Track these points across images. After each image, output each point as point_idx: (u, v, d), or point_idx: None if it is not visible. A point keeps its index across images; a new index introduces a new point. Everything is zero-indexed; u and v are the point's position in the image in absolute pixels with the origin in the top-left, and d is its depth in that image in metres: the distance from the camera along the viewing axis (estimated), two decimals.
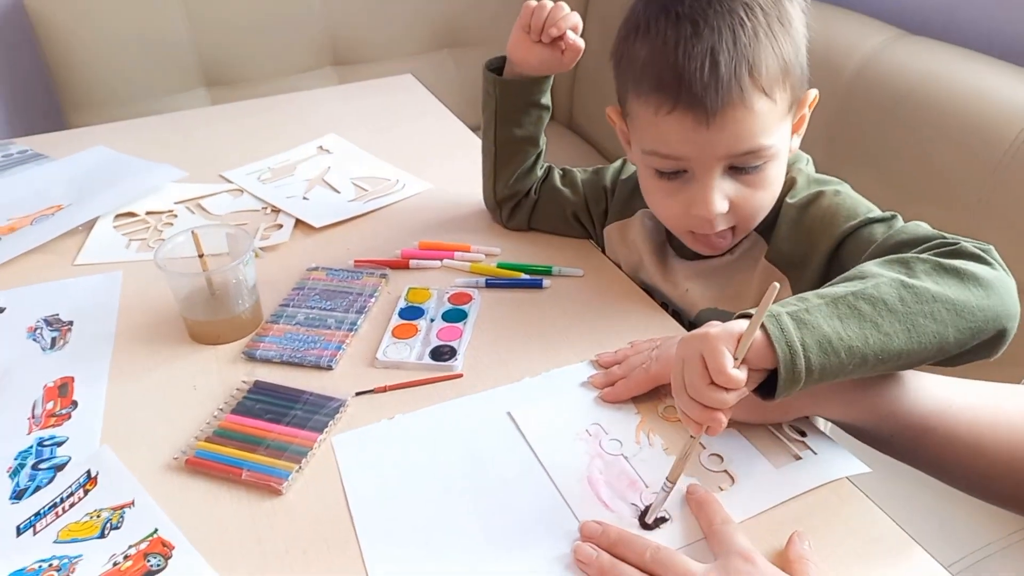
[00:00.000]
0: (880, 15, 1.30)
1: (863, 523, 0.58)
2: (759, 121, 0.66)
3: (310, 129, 1.23)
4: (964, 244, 0.60)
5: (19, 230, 0.98)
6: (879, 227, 0.67)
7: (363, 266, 0.89)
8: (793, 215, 0.73)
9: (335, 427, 0.68)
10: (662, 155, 0.69)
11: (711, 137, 0.66)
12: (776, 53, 0.65)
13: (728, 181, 0.69)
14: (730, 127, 0.65)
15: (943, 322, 0.55)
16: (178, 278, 0.78)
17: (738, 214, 0.71)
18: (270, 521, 0.60)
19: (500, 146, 0.90)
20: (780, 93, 0.67)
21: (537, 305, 0.82)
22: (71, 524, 0.60)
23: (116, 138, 1.21)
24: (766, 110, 0.66)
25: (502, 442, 0.66)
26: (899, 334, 0.55)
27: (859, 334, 0.54)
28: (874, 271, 0.58)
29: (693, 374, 0.53)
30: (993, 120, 1.05)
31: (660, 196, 0.73)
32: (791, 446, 0.63)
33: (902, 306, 0.55)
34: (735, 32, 0.64)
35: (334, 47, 1.83)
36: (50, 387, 0.74)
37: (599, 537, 0.56)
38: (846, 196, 0.72)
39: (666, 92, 0.65)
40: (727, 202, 0.69)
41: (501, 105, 0.88)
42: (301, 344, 0.77)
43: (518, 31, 0.83)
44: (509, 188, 0.92)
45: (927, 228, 0.65)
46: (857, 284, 0.56)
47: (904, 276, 0.57)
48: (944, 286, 0.56)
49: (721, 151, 0.67)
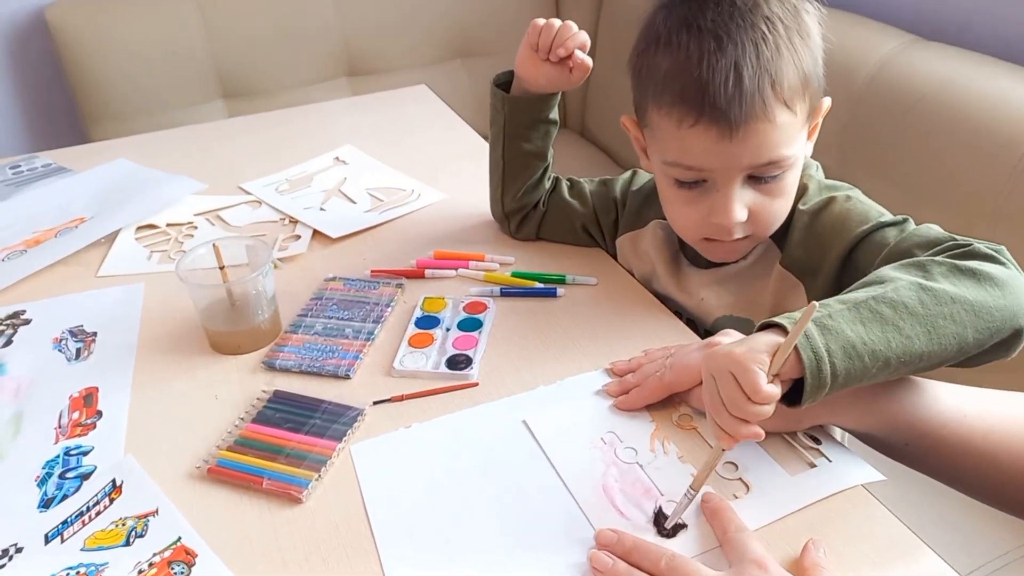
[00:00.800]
0: (894, 21, 1.30)
1: (878, 531, 0.58)
2: (781, 133, 0.67)
3: (326, 140, 1.24)
4: (977, 245, 0.61)
5: (44, 243, 1.00)
6: (891, 231, 0.68)
7: (379, 276, 0.90)
8: (806, 221, 0.74)
9: (353, 436, 0.69)
10: (685, 166, 0.70)
11: (734, 149, 0.67)
12: (797, 66, 0.67)
13: (747, 190, 0.70)
14: (753, 140, 0.66)
15: (962, 323, 0.56)
16: (199, 289, 0.79)
17: (756, 222, 0.72)
18: (290, 529, 0.61)
19: (508, 161, 0.91)
20: (800, 104, 0.68)
21: (551, 314, 0.83)
22: (97, 532, 0.61)
23: (137, 151, 1.23)
24: (787, 122, 0.67)
25: (518, 450, 0.67)
26: (920, 336, 0.55)
27: (881, 338, 0.55)
28: (891, 275, 0.59)
29: (730, 392, 0.54)
30: (1008, 125, 1.04)
31: (679, 205, 0.74)
32: (806, 454, 0.63)
33: (922, 308, 0.56)
34: (758, 46, 0.65)
35: (348, 58, 1.85)
36: (75, 397, 0.76)
37: (615, 545, 0.56)
38: (857, 201, 0.73)
39: (690, 105, 0.66)
40: (747, 211, 0.70)
41: (510, 121, 0.89)
42: (319, 354, 0.78)
43: (526, 49, 0.83)
44: (517, 201, 0.93)
45: (939, 230, 0.66)
46: (876, 288, 0.57)
47: (922, 279, 0.57)
48: (961, 287, 0.57)
49: (744, 162, 0.68)
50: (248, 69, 1.78)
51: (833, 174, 0.79)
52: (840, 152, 1.26)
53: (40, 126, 1.84)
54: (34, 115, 1.83)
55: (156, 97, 1.72)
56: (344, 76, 1.87)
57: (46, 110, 1.83)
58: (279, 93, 1.79)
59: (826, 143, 1.28)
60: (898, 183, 1.18)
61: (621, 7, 1.83)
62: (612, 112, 1.89)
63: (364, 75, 1.88)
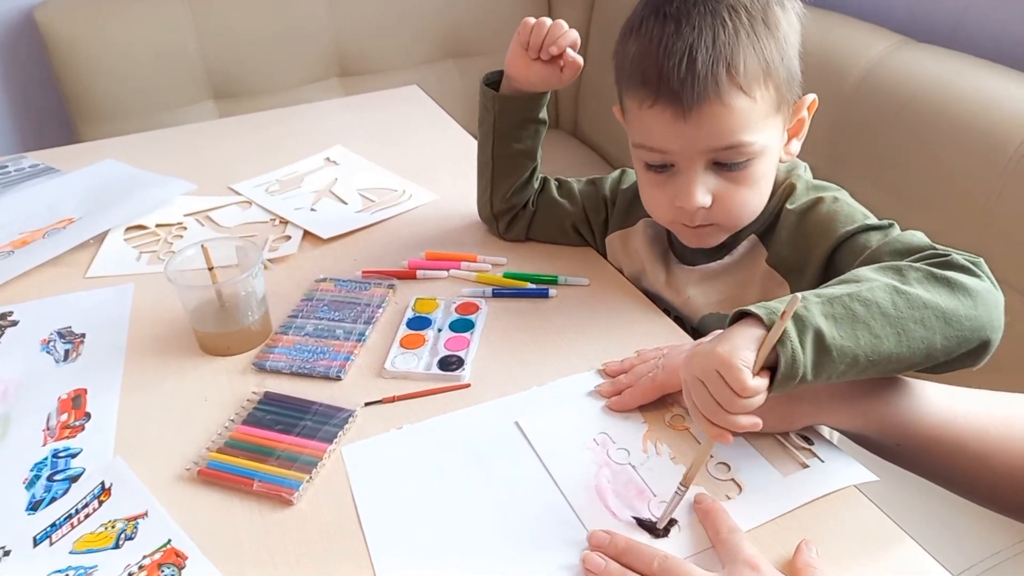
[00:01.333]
0: (885, 22, 1.31)
1: (871, 531, 0.58)
2: (738, 118, 0.68)
3: (317, 141, 1.24)
4: (955, 256, 0.62)
5: (32, 244, 0.99)
6: (875, 235, 0.69)
7: (371, 277, 0.90)
8: (793, 220, 0.74)
9: (344, 437, 0.69)
10: (647, 148, 0.72)
11: (689, 131, 0.68)
12: (757, 53, 0.68)
13: (712, 176, 0.71)
14: (707, 122, 0.68)
15: (932, 329, 0.57)
16: (188, 291, 0.79)
17: (722, 210, 0.72)
18: (281, 531, 0.61)
19: (498, 160, 0.91)
20: (761, 92, 0.68)
21: (543, 315, 0.83)
22: (86, 535, 0.60)
23: (126, 151, 1.23)
24: (745, 107, 0.68)
25: (510, 451, 0.66)
26: (890, 337, 0.56)
27: (851, 335, 0.55)
28: (868, 275, 0.60)
29: (720, 391, 0.54)
30: (998, 127, 1.05)
31: (649, 188, 0.76)
32: (798, 454, 0.63)
33: (894, 310, 0.56)
34: (715, 31, 0.67)
35: (340, 58, 1.85)
36: (64, 399, 0.75)
37: (607, 546, 0.56)
38: (844, 203, 0.73)
39: (648, 87, 0.69)
40: (709, 196, 0.71)
41: (499, 120, 0.89)
42: (310, 355, 0.78)
43: (516, 47, 0.84)
44: (506, 202, 0.92)
45: (922, 238, 0.67)
46: (852, 286, 0.58)
47: (897, 282, 0.58)
48: (935, 294, 0.58)
49: (701, 145, 0.69)
50: (239, 69, 1.77)
51: (823, 174, 0.80)
52: (830, 152, 1.26)
53: (29, 127, 1.83)
54: (23, 115, 1.82)
55: (146, 98, 1.71)
56: (336, 76, 1.87)
57: (35, 111, 1.82)
58: (270, 94, 1.78)
59: (816, 143, 1.29)
60: (889, 184, 1.18)
61: (613, 7, 1.83)
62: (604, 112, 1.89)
63: (356, 75, 1.87)
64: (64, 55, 1.64)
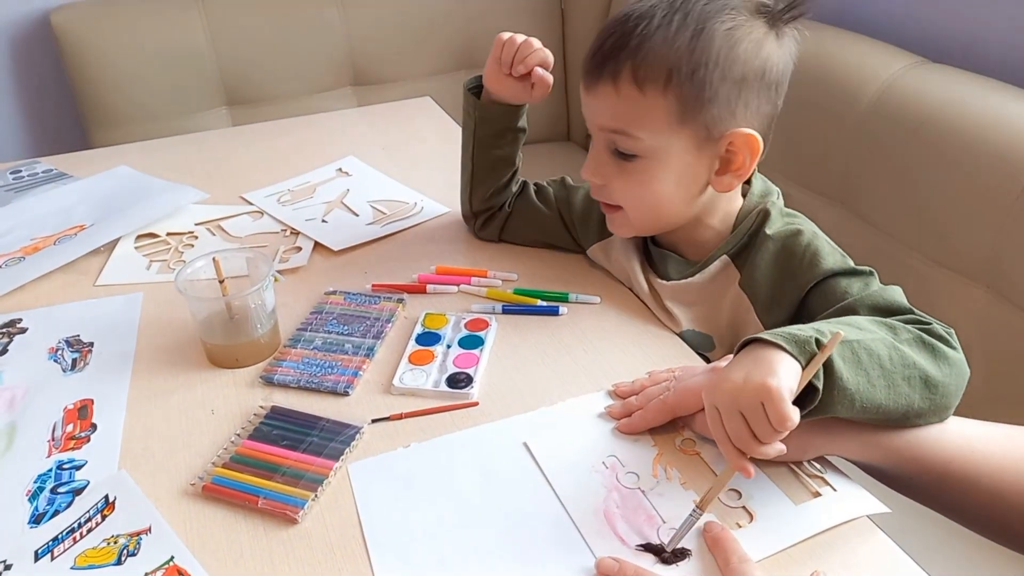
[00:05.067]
0: (900, 42, 1.30)
1: (884, 563, 0.57)
2: (626, 107, 0.72)
3: (329, 151, 1.24)
4: (935, 325, 0.65)
5: (43, 250, 0.99)
6: (856, 283, 0.70)
7: (380, 290, 0.89)
8: (772, 248, 0.75)
9: (351, 455, 0.68)
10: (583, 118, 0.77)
11: (589, 102, 0.75)
12: (664, 58, 0.69)
13: (612, 161, 0.75)
14: (600, 99, 0.74)
15: (915, 389, 0.60)
16: (198, 302, 0.78)
17: (616, 195, 0.77)
18: (285, 550, 0.60)
19: (477, 164, 0.93)
20: (656, 95, 0.70)
21: (554, 332, 0.82)
22: (88, 550, 0.60)
23: (139, 158, 1.23)
24: (635, 101, 0.71)
25: (518, 473, 0.66)
26: (882, 390, 0.59)
27: (854, 379, 0.58)
28: (865, 325, 0.62)
29: (759, 423, 0.55)
30: (1014, 149, 1.04)
31: None
32: (811, 483, 0.62)
33: (890, 364, 0.60)
34: (639, 24, 0.71)
35: (353, 67, 1.85)
36: (70, 409, 0.75)
37: (615, 574, 0.55)
38: (823, 240, 0.75)
39: (586, 59, 0.75)
40: (599, 176, 0.77)
41: (480, 127, 0.91)
42: (318, 369, 0.77)
43: (491, 62, 0.86)
44: (485, 203, 0.95)
45: (901, 297, 0.69)
46: (854, 332, 0.60)
47: (893, 339, 0.62)
48: (921, 358, 0.61)
49: (597, 121, 0.75)
50: (253, 77, 1.77)
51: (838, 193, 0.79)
52: (844, 172, 1.25)
53: (42, 131, 1.83)
54: (36, 120, 1.82)
55: (160, 104, 1.71)
56: (349, 85, 1.87)
57: (49, 115, 1.82)
58: (284, 101, 1.78)
59: (830, 163, 1.28)
60: (903, 204, 1.17)
61: None
62: None
63: (369, 85, 1.87)
64: (79, 60, 1.64)
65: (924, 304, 0.70)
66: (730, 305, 0.78)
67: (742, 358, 0.59)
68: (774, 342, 0.57)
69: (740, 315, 0.78)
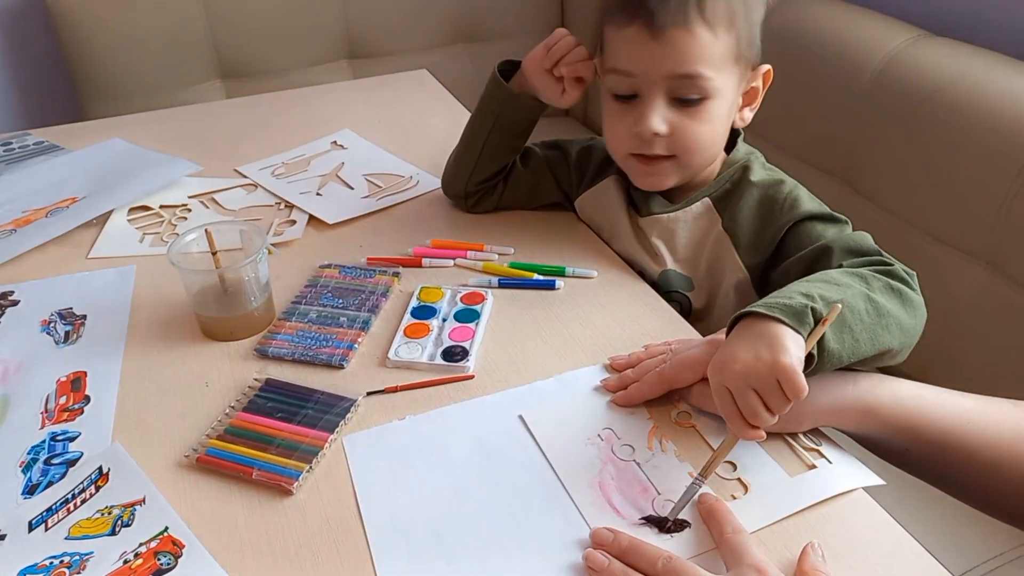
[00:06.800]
0: (903, 15, 1.28)
1: (878, 535, 0.57)
2: (700, 48, 0.73)
3: (324, 124, 1.22)
4: (897, 267, 0.69)
5: (35, 222, 0.99)
6: (831, 228, 0.75)
7: (376, 264, 0.89)
8: (756, 194, 0.80)
9: (346, 427, 0.68)
10: (618, 71, 0.77)
11: (658, 51, 0.74)
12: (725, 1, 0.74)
13: (670, 110, 0.76)
14: (673, 45, 0.73)
15: (892, 335, 0.64)
16: (191, 275, 0.78)
17: (678, 142, 0.77)
18: (280, 521, 0.60)
19: (488, 149, 0.92)
20: (723, 33, 0.74)
21: (550, 306, 0.82)
22: (82, 521, 0.60)
23: (132, 130, 1.21)
24: (708, 41, 0.73)
25: (513, 445, 0.65)
26: (865, 343, 0.62)
27: (840, 338, 0.61)
28: (843, 280, 0.65)
29: (774, 397, 0.57)
30: (1018, 124, 1.03)
31: (614, 118, 0.80)
32: (806, 455, 0.62)
33: (868, 318, 0.63)
34: None
35: (349, 40, 1.83)
36: (63, 381, 0.74)
37: (610, 544, 0.55)
38: (803, 190, 0.80)
39: (627, 9, 0.74)
40: (666, 124, 0.76)
41: (503, 115, 0.90)
42: (313, 342, 0.77)
43: (540, 49, 0.86)
44: (480, 186, 0.95)
45: (870, 241, 0.74)
46: (834, 290, 0.63)
47: (866, 290, 0.65)
48: (893, 305, 0.65)
49: (665, 68, 0.74)
50: (248, 49, 1.75)
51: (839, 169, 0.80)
52: (847, 145, 1.24)
53: (35, 103, 1.81)
54: (28, 92, 1.80)
55: (154, 76, 1.69)
56: (345, 58, 1.85)
57: (41, 87, 1.80)
58: (278, 74, 1.76)
59: (833, 136, 1.27)
60: (905, 178, 1.16)
61: None
62: None
63: (365, 58, 1.85)
64: (72, 30, 1.62)
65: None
66: (711, 246, 0.81)
67: (743, 334, 0.59)
68: (773, 316, 0.58)
69: (720, 255, 0.81)
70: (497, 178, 0.95)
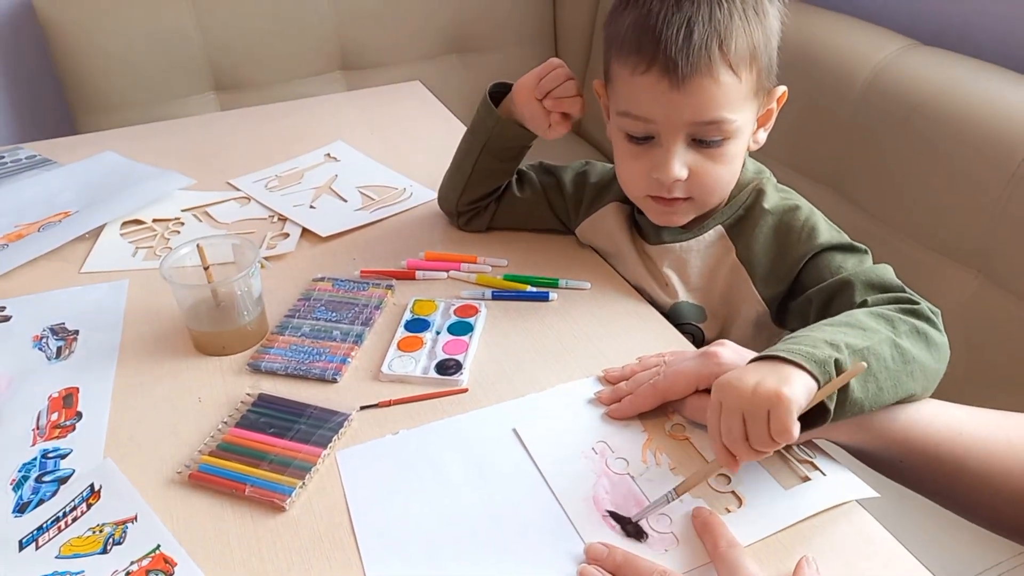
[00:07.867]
0: (892, 25, 1.29)
1: (872, 547, 0.57)
2: (724, 93, 0.70)
3: (317, 136, 1.22)
4: (923, 306, 0.67)
5: (26, 237, 0.98)
6: (851, 259, 0.73)
7: (369, 277, 0.89)
8: (771, 222, 0.77)
9: (339, 442, 0.67)
10: (633, 116, 0.73)
11: (679, 100, 0.70)
12: (746, 36, 0.70)
13: (690, 152, 0.73)
14: (697, 94, 0.70)
15: (916, 381, 0.62)
16: (183, 289, 0.77)
17: (697, 185, 0.74)
18: (273, 538, 0.60)
19: (478, 172, 0.91)
20: (746, 74, 0.71)
21: (544, 318, 0.82)
22: (73, 539, 0.59)
23: (125, 143, 1.21)
24: (731, 85, 0.70)
25: (507, 459, 0.65)
26: (889, 390, 0.60)
27: (864, 387, 0.59)
28: (869, 324, 0.63)
29: (758, 428, 0.56)
30: (1007, 133, 1.03)
31: (627, 159, 0.77)
32: (800, 467, 0.62)
33: (893, 364, 0.61)
34: (712, 10, 0.70)
35: (342, 52, 1.83)
36: (55, 398, 0.74)
37: (605, 559, 0.55)
38: (819, 216, 0.77)
39: (644, 53, 0.70)
40: (686, 169, 0.73)
41: (494, 139, 0.89)
42: (306, 356, 0.77)
43: (532, 77, 0.84)
44: (471, 205, 0.94)
45: (892, 275, 0.71)
46: (860, 337, 0.61)
47: (892, 334, 0.63)
48: (918, 350, 0.63)
49: (687, 116, 0.71)
50: (240, 61, 1.75)
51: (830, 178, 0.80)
52: (838, 156, 1.25)
53: (27, 117, 1.81)
54: (21, 105, 1.80)
55: (147, 89, 1.69)
56: (338, 70, 1.85)
57: (33, 100, 1.80)
58: (271, 86, 1.76)
59: (823, 146, 1.28)
60: (895, 188, 1.17)
61: None
62: None
63: (358, 69, 1.85)
64: (63, 43, 1.62)
65: (914, 288, 0.70)
66: (725, 276, 0.79)
67: (760, 364, 0.59)
68: (794, 361, 0.57)
69: (735, 286, 0.79)
70: (488, 199, 0.93)
